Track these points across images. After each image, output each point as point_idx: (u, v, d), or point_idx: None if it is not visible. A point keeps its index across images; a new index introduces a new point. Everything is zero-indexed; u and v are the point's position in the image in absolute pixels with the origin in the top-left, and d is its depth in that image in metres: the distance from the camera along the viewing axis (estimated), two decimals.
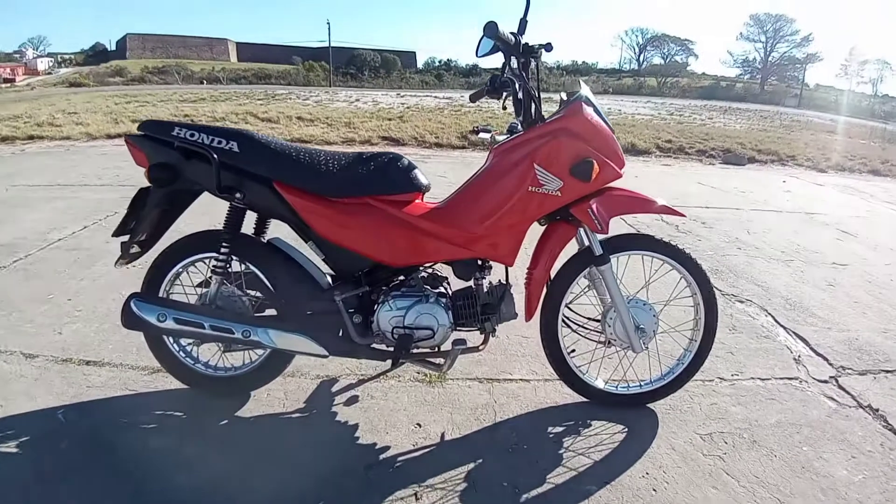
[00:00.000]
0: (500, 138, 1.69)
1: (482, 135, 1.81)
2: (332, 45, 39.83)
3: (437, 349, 1.70)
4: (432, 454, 1.58)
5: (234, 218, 1.65)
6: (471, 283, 1.70)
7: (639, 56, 56.82)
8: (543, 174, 1.53)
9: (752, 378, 2.08)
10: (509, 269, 1.69)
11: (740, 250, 3.67)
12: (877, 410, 1.89)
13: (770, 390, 2.00)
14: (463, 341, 1.62)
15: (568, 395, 1.86)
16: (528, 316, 1.69)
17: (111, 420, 1.67)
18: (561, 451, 1.60)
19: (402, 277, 1.70)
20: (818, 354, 2.29)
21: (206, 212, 2.16)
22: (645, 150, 8.13)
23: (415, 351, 1.66)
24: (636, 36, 57.06)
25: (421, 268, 1.71)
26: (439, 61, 51.73)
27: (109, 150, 6.55)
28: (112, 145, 6.99)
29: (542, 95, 1.62)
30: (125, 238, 1.65)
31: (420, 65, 51.10)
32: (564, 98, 1.63)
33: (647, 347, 1.75)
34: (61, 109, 9.87)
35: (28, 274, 2.76)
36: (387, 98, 16.81)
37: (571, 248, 1.72)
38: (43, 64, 35.66)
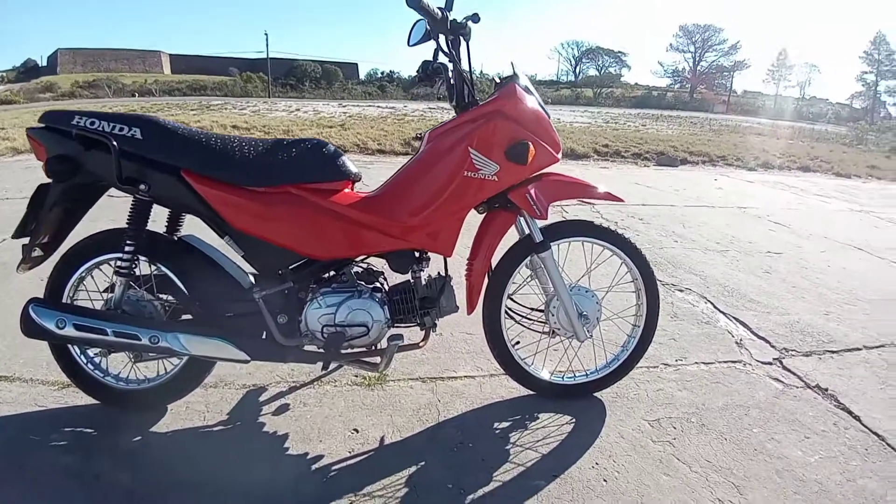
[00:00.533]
0: None
1: None
2: (272, 56, 38.88)
3: (373, 348, 1.58)
4: (370, 460, 1.46)
5: (139, 213, 1.48)
6: (408, 276, 1.60)
7: (575, 68, 59.16)
8: (479, 158, 1.46)
9: (696, 363, 2.09)
10: (448, 260, 1.61)
11: (677, 243, 3.77)
12: (826, 390, 1.94)
13: (714, 374, 2.01)
14: (400, 337, 1.51)
15: (514, 390, 1.79)
16: (470, 308, 1.61)
17: (20, 437, 1.50)
18: (508, 447, 1.52)
19: (332, 273, 1.58)
20: (759, 338, 2.34)
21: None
22: (584, 155, 8.35)
23: (348, 351, 1.53)
24: (572, 49, 59.35)
25: (354, 262, 1.59)
26: (382, 72, 51.69)
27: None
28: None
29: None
30: (26, 240, 1.48)
31: (363, 76, 50.83)
32: (498, 81, 1.58)
33: (591, 335, 1.70)
34: None
35: None
36: (328, 108, 16.53)
37: (512, 238, 1.67)
38: None
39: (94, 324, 1.42)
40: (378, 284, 1.60)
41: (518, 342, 1.73)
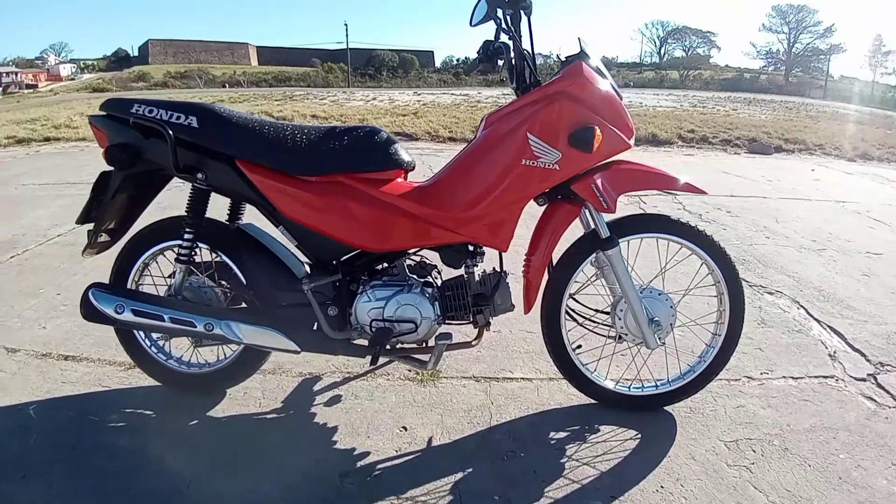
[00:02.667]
0: None
1: None
2: (351, 46, 39.93)
3: (424, 345, 1.52)
4: (416, 461, 1.41)
5: (198, 201, 1.51)
6: (462, 271, 1.52)
7: (660, 49, 55.57)
8: (539, 145, 1.35)
9: (784, 377, 1.85)
10: (504, 255, 1.51)
11: (769, 239, 3.40)
12: None
13: (803, 390, 1.77)
14: (448, 335, 1.44)
15: (574, 397, 1.67)
16: (527, 307, 1.50)
17: (80, 417, 1.57)
18: (563, 461, 1.41)
19: (384, 265, 1.53)
20: (855, 350, 2.05)
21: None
22: (667, 141, 7.80)
23: (397, 347, 1.49)
24: (656, 29, 55.78)
25: (406, 255, 1.54)
26: (457, 60, 51.50)
27: None
28: None
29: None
30: (90, 226, 1.53)
31: (438, 64, 50.97)
32: (563, 59, 1.44)
33: (664, 343, 1.54)
34: (80, 112, 9.99)
35: (23, 269, 2.69)
36: (403, 96, 16.70)
37: (577, 232, 1.53)
38: (65, 70, 36.46)
39: (152, 309, 1.46)
40: (430, 279, 1.53)
41: (580, 346, 1.61)
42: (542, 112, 1.34)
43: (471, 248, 1.49)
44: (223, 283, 1.59)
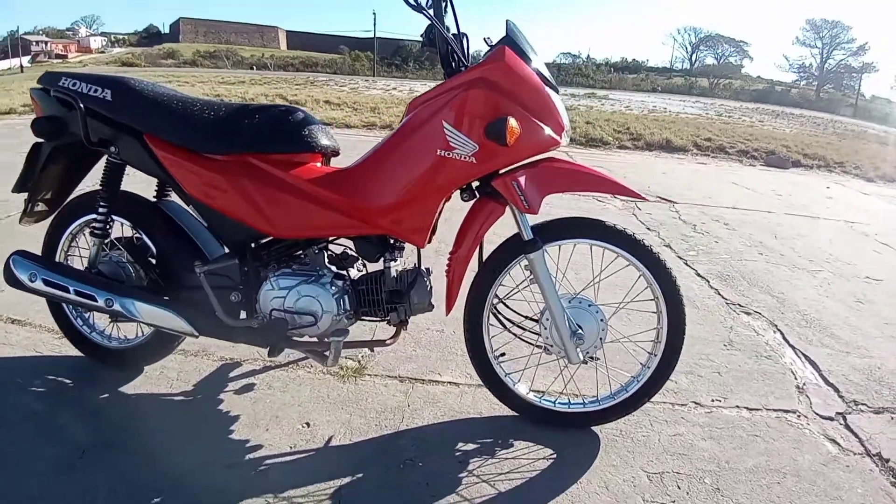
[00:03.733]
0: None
1: None
2: (380, 35, 39.84)
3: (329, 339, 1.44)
4: (307, 460, 1.33)
5: (112, 175, 1.46)
6: (380, 266, 1.43)
7: (691, 55, 54.08)
8: (454, 135, 1.24)
9: (738, 406, 1.71)
10: (421, 252, 1.42)
11: (761, 255, 3.22)
12: (887, 461, 1.50)
13: (756, 424, 1.62)
14: (345, 332, 1.35)
15: (498, 407, 1.56)
16: (448, 308, 1.40)
17: (9, 380, 1.59)
18: (462, 475, 1.31)
19: (300, 253, 1.45)
20: (828, 384, 1.89)
21: None
22: (681, 148, 7.55)
23: (297, 339, 1.40)
24: (689, 35, 54.09)
25: (327, 245, 1.45)
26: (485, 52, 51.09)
27: None
28: None
29: (584, 90, 1.31)
30: (26, 195, 1.53)
31: None
32: (490, 44, 1.32)
33: (589, 359, 1.42)
34: None
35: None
36: (425, 87, 16.52)
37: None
38: (96, 43, 37.06)
39: (61, 281, 1.43)
40: (346, 272, 1.44)
41: (503, 353, 1.50)
42: (458, 99, 1.24)
43: (392, 241, 1.40)
44: (138, 260, 1.53)
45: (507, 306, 1.54)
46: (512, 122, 1.18)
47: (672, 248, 3.04)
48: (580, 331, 1.37)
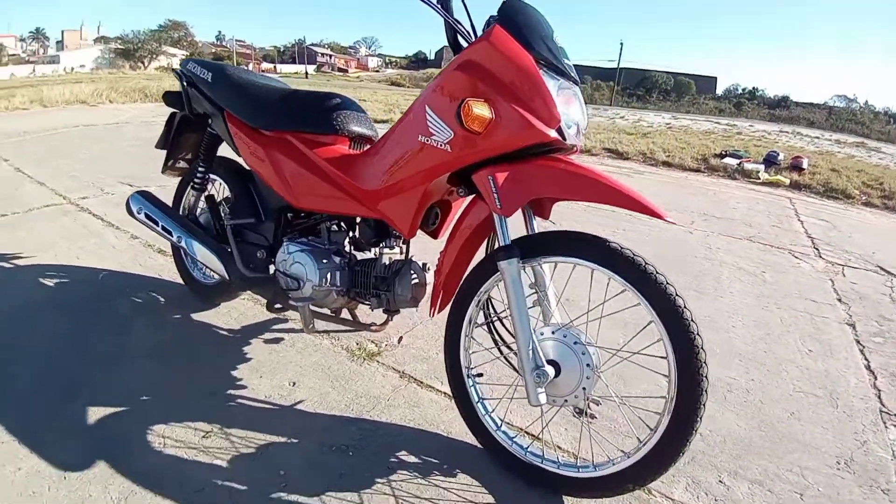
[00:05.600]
0: (750, 167, 1.33)
1: (728, 160, 1.51)
2: (626, 66, 38.63)
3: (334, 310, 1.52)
4: (269, 412, 1.42)
5: (210, 143, 1.78)
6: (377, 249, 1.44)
7: None
8: (434, 120, 1.17)
9: None
10: (422, 243, 1.38)
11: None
12: None
13: None
14: (309, 299, 1.40)
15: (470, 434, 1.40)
16: (432, 310, 1.33)
17: (122, 290, 2.06)
18: (378, 479, 1.22)
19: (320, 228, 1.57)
20: None
21: None
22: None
23: (293, 301, 1.50)
24: None
25: (347, 224, 1.55)
26: (743, 89, 44.77)
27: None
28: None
29: (854, 138, 1.16)
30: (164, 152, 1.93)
31: (720, 91, 45.10)
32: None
33: (550, 404, 1.16)
34: (362, 99, 12.31)
35: None
36: (658, 118, 15.41)
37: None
38: (373, 62, 44.50)
39: (154, 216, 1.78)
40: (351, 252, 1.51)
41: (481, 374, 1.35)
42: (440, 81, 1.16)
43: (390, 230, 1.41)
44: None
45: (502, 323, 1.37)
46: (473, 103, 1.06)
47: (856, 328, 2.23)
48: (544, 368, 1.13)
